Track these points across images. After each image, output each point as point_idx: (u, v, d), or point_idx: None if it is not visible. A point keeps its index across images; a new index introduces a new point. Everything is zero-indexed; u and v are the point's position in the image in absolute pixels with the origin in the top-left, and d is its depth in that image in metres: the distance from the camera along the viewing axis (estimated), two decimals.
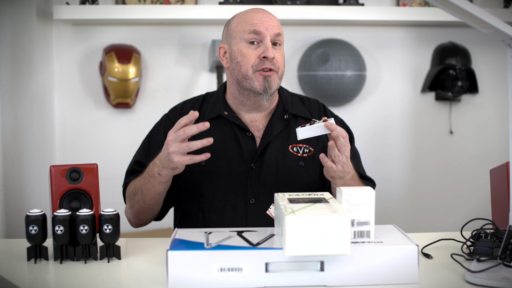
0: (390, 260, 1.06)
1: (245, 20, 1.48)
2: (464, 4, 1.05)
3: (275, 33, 1.47)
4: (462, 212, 2.68)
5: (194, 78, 2.57)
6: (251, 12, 1.50)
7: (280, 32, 1.48)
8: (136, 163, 1.57)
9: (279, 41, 1.49)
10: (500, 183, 1.37)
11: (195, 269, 1.04)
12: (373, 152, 2.66)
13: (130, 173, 1.57)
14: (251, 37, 1.46)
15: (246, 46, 1.47)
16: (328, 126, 1.28)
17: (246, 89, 1.49)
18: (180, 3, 2.47)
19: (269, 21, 1.47)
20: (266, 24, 1.46)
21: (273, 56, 1.45)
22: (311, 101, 1.65)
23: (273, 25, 1.47)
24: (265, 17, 1.48)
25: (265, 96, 1.48)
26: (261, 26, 1.46)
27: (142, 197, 1.45)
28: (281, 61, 1.49)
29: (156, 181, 1.38)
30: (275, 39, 1.48)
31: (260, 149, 1.50)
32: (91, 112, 2.54)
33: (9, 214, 1.79)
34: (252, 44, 1.47)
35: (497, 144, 2.70)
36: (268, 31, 1.46)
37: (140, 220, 1.55)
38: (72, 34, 2.50)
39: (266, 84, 1.46)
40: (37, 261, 1.21)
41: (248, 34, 1.46)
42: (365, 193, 1.12)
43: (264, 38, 1.46)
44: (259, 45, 1.47)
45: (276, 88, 1.50)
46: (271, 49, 1.45)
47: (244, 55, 1.47)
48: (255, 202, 1.48)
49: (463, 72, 2.54)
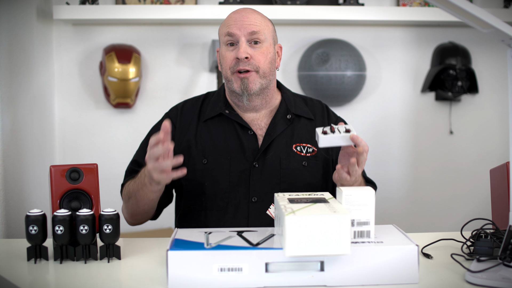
0: (390, 260, 1.06)
1: (224, 23, 1.50)
2: (464, 4, 1.05)
3: (249, 32, 1.45)
4: (462, 212, 2.68)
5: (194, 78, 2.57)
6: (231, 14, 1.51)
7: (256, 30, 1.46)
8: (134, 162, 1.57)
9: (258, 39, 1.47)
10: (500, 183, 1.37)
11: (195, 269, 1.04)
12: (373, 152, 2.66)
13: (128, 173, 1.58)
14: (227, 39, 1.48)
15: (225, 48, 1.49)
16: (354, 139, 1.27)
17: (231, 91, 1.51)
18: (180, 3, 2.47)
19: (244, 20, 1.46)
20: (240, 24, 1.46)
21: (245, 56, 1.44)
22: (314, 101, 1.65)
23: (248, 24, 1.46)
24: (241, 17, 1.47)
25: (245, 97, 1.49)
26: (234, 27, 1.46)
27: (136, 202, 1.45)
28: (261, 59, 1.46)
29: (148, 190, 1.38)
30: (253, 38, 1.46)
31: (263, 147, 1.50)
32: (91, 112, 2.54)
33: (9, 214, 1.79)
34: (230, 46, 1.48)
35: (497, 144, 2.70)
36: (241, 31, 1.45)
37: (135, 220, 1.55)
38: (72, 34, 2.50)
39: (242, 86, 1.47)
40: (37, 261, 1.21)
41: (225, 37, 1.48)
42: (365, 193, 1.12)
43: (238, 39, 1.46)
44: (236, 46, 1.47)
45: (260, 87, 1.48)
46: (244, 49, 1.44)
47: (223, 57, 1.49)
48: (257, 200, 1.48)
49: (463, 72, 2.54)
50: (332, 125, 1.32)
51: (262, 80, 1.48)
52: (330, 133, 1.29)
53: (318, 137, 1.30)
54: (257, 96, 1.50)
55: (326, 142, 1.29)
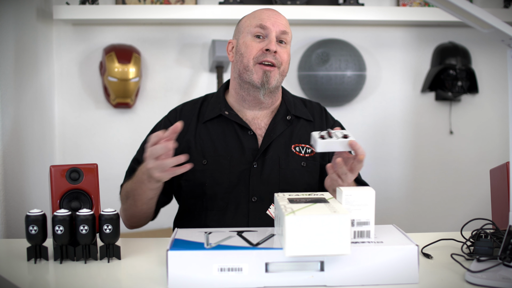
0: (390, 260, 1.06)
1: (254, 16, 1.53)
2: (464, 4, 1.05)
3: (281, 30, 1.50)
4: (462, 212, 2.68)
5: (194, 78, 2.57)
6: (262, 9, 1.55)
7: (286, 31, 1.51)
8: (135, 161, 1.57)
9: (285, 40, 1.51)
10: (500, 183, 1.37)
11: (195, 269, 1.04)
12: (373, 152, 2.66)
13: (129, 173, 1.57)
14: (257, 31, 1.50)
15: (251, 39, 1.50)
16: (353, 145, 1.25)
17: (246, 82, 1.50)
18: (180, 3, 2.47)
19: (277, 18, 1.51)
20: (274, 20, 1.50)
21: (276, 50, 1.47)
22: (313, 104, 1.67)
23: (280, 23, 1.50)
24: (274, 14, 1.52)
25: (262, 90, 1.49)
26: (268, 21, 1.49)
27: (134, 202, 1.44)
28: (285, 58, 1.50)
29: (146, 187, 1.37)
30: (281, 37, 1.50)
31: (262, 148, 1.51)
32: (91, 112, 2.54)
33: (9, 214, 1.79)
34: (257, 38, 1.50)
35: (497, 144, 2.70)
36: (274, 26, 1.49)
37: (133, 223, 1.54)
38: (72, 34, 2.50)
39: (264, 78, 1.47)
40: (37, 261, 1.21)
41: (255, 28, 1.50)
42: (365, 193, 1.12)
43: (270, 33, 1.49)
44: (264, 40, 1.50)
45: (276, 84, 1.50)
46: (275, 43, 1.48)
47: (247, 46, 1.50)
48: (257, 200, 1.48)
49: (463, 72, 2.54)
50: (329, 130, 1.31)
51: (280, 78, 1.51)
52: (327, 137, 1.27)
53: (316, 142, 1.27)
54: (270, 93, 1.52)
55: (324, 147, 1.27)
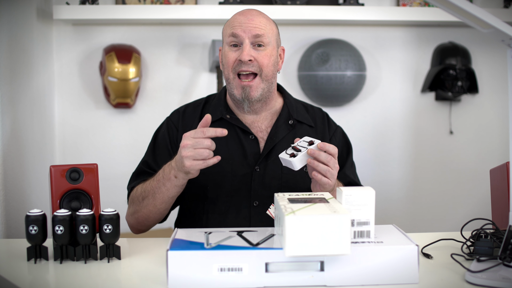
0: (390, 260, 1.06)
1: (229, 23, 1.50)
2: (464, 4, 1.05)
3: (253, 35, 1.45)
4: (462, 212, 2.68)
5: (194, 78, 2.57)
6: (236, 15, 1.51)
7: (260, 33, 1.46)
8: (144, 163, 1.56)
9: (262, 42, 1.47)
10: (500, 183, 1.37)
11: (195, 269, 1.04)
12: (373, 152, 2.66)
13: (136, 175, 1.57)
14: (231, 40, 1.47)
15: (228, 48, 1.49)
16: (322, 147, 1.29)
17: (230, 94, 1.51)
18: (180, 3, 2.47)
19: (249, 23, 1.46)
20: (245, 26, 1.46)
21: (249, 59, 1.44)
22: (315, 109, 1.66)
23: (253, 27, 1.46)
24: (247, 19, 1.47)
25: (245, 103, 1.49)
26: (239, 29, 1.46)
27: (153, 201, 1.43)
28: (264, 62, 1.47)
29: (172, 184, 1.37)
30: (257, 41, 1.46)
31: (264, 152, 1.50)
32: (91, 112, 2.54)
33: (9, 214, 1.79)
34: (233, 47, 1.48)
35: (497, 144, 2.70)
36: (246, 33, 1.45)
37: (143, 226, 1.53)
38: (72, 34, 2.50)
39: (243, 94, 1.47)
40: (37, 261, 1.21)
41: (229, 37, 1.48)
42: (365, 193, 1.12)
43: (243, 41, 1.46)
44: (239, 48, 1.47)
45: (262, 93, 1.49)
46: (247, 51, 1.45)
47: (225, 57, 1.49)
48: (258, 204, 1.48)
49: (463, 72, 2.54)
50: (291, 145, 1.34)
51: (264, 84, 1.48)
52: (297, 152, 1.30)
53: (290, 162, 1.30)
54: (258, 102, 1.51)
55: (300, 163, 1.30)
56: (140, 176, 1.55)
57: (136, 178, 1.56)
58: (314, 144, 1.30)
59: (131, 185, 1.56)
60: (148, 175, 1.52)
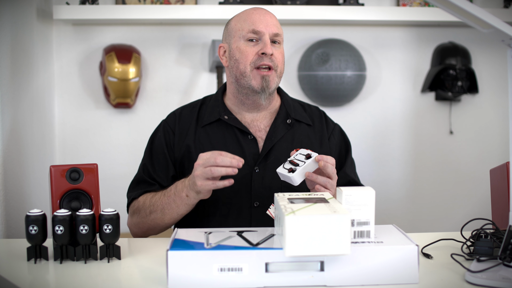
0: (390, 260, 1.06)
1: (244, 19, 1.50)
2: (464, 4, 1.05)
3: (273, 32, 1.48)
4: (462, 212, 2.68)
5: (194, 78, 2.57)
6: (251, 11, 1.52)
7: (278, 32, 1.49)
8: (145, 172, 1.55)
9: (278, 40, 1.50)
10: (500, 183, 1.37)
11: (195, 269, 1.04)
12: (373, 152, 2.66)
13: (136, 183, 1.55)
14: (250, 36, 1.48)
15: (244, 43, 1.49)
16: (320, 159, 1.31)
17: (244, 88, 1.50)
18: (180, 3, 2.47)
19: (268, 20, 1.49)
20: (265, 22, 1.48)
21: (272, 53, 1.46)
22: (312, 108, 1.66)
23: (272, 24, 1.49)
24: (264, 16, 1.50)
25: (263, 95, 1.49)
26: (260, 25, 1.47)
27: (162, 216, 1.42)
28: (280, 59, 1.50)
29: (183, 203, 1.37)
30: (274, 38, 1.49)
31: (263, 152, 1.50)
32: (91, 112, 2.54)
33: (9, 214, 1.79)
34: (250, 42, 1.49)
35: (497, 144, 2.70)
36: (267, 29, 1.48)
37: (147, 235, 1.53)
38: (72, 34, 2.50)
39: (264, 84, 1.48)
40: (37, 261, 1.21)
41: (247, 33, 1.48)
42: (365, 193, 1.12)
43: (263, 36, 1.47)
44: (257, 43, 1.48)
45: (275, 87, 1.51)
46: (270, 45, 1.47)
47: (242, 52, 1.48)
48: (259, 205, 1.48)
49: (463, 72, 2.54)
50: (288, 159, 1.35)
51: (278, 80, 1.51)
52: (296, 167, 1.31)
53: (290, 178, 1.31)
54: (269, 96, 1.52)
55: (299, 177, 1.31)
56: (140, 184, 1.54)
57: (136, 186, 1.55)
58: (311, 158, 1.32)
59: (131, 194, 1.55)
60: (148, 184, 1.52)
